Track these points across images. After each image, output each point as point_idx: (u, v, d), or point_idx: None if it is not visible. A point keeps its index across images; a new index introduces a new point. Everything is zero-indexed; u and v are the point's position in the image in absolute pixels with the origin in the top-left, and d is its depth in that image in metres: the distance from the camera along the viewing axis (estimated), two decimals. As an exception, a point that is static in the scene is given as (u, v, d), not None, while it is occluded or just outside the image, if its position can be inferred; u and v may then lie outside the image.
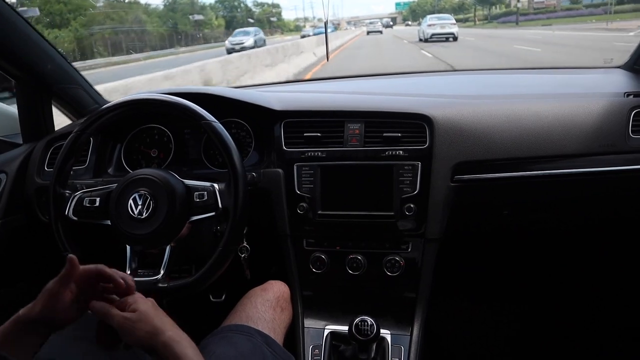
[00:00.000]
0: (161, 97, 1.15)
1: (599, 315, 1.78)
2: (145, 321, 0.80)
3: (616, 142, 1.28)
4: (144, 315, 0.81)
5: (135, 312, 0.81)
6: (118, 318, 0.80)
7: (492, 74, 2.15)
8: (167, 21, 39.26)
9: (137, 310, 0.82)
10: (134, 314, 0.81)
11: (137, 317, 0.80)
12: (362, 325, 1.13)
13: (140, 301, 0.85)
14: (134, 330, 0.79)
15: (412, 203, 1.24)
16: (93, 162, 1.41)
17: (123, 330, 0.80)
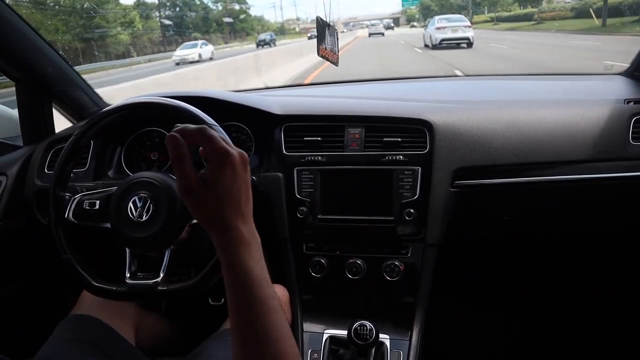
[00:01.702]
0: (162, 100, 1.15)
1: (598, 321, 1.78)
2: (215, 203, 0.66)
3: (616, 149, 1.28)
4: (219, 195, 0.67)
5: (208, 184, 0.68)
6: (187, 181, 0.67)
7: (492, 79, 2.16)
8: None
9: (208, 182, 0.69)
10: (204, 189, 0.68)
11: (205, 194, 0.67)
12: (361, 330, 1.13)
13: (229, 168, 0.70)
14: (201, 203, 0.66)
15: (411, 208, 1.24)
16: (93, 165, 1.41)
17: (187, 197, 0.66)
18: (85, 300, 1.15)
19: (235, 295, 0.65)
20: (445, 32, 16.78)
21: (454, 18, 18.81)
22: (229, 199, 0.67)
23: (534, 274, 1.88)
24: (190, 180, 0.67)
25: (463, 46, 16.54)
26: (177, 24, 44.06)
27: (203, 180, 0.68)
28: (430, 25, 18.71)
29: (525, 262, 1.85)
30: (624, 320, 1.77)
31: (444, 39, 16.70)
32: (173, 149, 0.66)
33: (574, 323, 1.81)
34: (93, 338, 1.07)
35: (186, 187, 0.66)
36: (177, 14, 46.66)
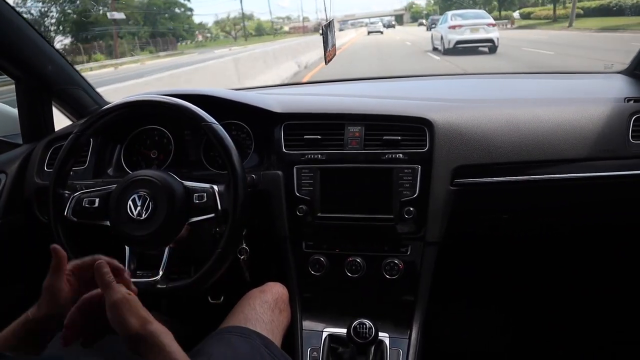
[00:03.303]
0: (162, 98, 1.15)
1: (597, 320, 1.78)
2: (138, 307, 0.78)
3: (616, 148, 1.28)
4: (137, 301, 0.80)
5: (131, 296, 0.80)
6: (120, 294, 0.78)
7: (492, 78, 2.16)
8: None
9: (130, 294, 0.80)
10: (131, 297, 0.79)
11: (133, 300, 0.79)
12: (360, 328, 1.13)
13: (132, 287, 0.85)
14: (129, 312, 0.76)
15: (411, 206, 1.24)
16: (93, 163, 1.41)
17: (118, 309, 0.76)
18: None
19: None
20: (462, 32, 13.01)
21: (473, 14, 15.00)
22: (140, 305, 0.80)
23: (533, 273, 1.88)
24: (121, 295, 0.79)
25: (483, 50, 13.11)
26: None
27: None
28: (441, 24, 14.65)
29: (525, 261, 1.85)
30: (623, 319, 1.77)
31: (461, 40, 12.86)
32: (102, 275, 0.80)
33: (573, 321, 1.81)
34: None
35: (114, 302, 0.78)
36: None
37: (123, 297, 0.78)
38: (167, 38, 36.56)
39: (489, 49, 12.90)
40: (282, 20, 78.54)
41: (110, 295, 0.78)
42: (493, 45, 12.82)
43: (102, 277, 0.79)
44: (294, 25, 65.68)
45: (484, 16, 14.32)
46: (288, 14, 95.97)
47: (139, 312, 0.77)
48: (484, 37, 12.83)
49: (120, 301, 0.77)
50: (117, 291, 0.78)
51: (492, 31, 12.91)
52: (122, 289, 0.79)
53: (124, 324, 0.76)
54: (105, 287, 0.79)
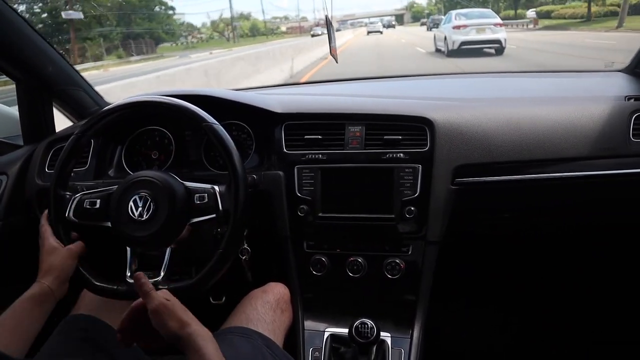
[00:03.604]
0: (162, 99, 1.15)
1: (598, 319, 1.78)
2: (177, 311, 0.84)
3: (617, 146, 1.28)
4: (177, 305, 0.85)
5: (169, 301, 0.85)
6: (157, 301, 0.84)
7: (493, 77, 2.15)
8: None
9: (169, 300, 0.86)
10: (169, 302, 0.85)
11: (171, 305, 0.84)
12: (362, 328, 1.13)
13: (168, 295, 0.90)
14: (168, 317, 0.82)
15: (412, 206, 1.24)
16: (94, 164, 1.41)
17: (157, 315, 0.83)
18: (86, 299, 1.16)
19: None
20: (467, 32, 12.27)
21: (478, 13, 13.97)
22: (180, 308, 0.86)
23: (535, 272, 1.88)
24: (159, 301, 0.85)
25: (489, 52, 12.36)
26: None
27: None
28: (445, 24, 13.78)
29: (526, 260, 1.85)
30: (623, 318, 1.77)
31: (466, 41, 12.14)
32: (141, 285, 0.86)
33: (574, 321, 1.81)
34: (94, 337, 1.07)
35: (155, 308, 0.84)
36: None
37: (160, 303, 0.84)
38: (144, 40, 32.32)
39: (495, 51, 12.15)
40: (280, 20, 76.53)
41: (149, 303, 0.84)
42: (500, 47, 12.01)
43: (141, 287, 0.86)
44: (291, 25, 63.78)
45: (490, 15, 13.48)
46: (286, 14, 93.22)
47: (177, 316, 0.83)
48: (491, 37, 12.04)
49: (158, 307, 0.83)
50: (155, 298, 0.84)
51: (500, 31, 12.13)
52: (159, 297, 0.85)
53: (164, 328, 0.82)
54: (145, 296, 0.85)
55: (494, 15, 13.86)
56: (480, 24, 12.40)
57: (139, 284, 0.86)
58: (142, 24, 34.36)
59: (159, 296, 0.85)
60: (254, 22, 64.88)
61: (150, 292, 0.86)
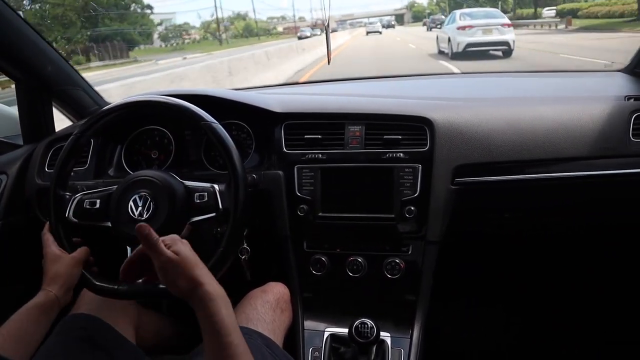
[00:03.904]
0: (161, 98, 1.15)
1: (599, 319, 1.78)
2: (188, 267, 0.77)
3: (617, 146, 1.28)
4: (187, 261, 0.78)
5: (179, 255, 0.77)
6: (165, 257, 0.76)
7: (493, 76, 2.15)
8: None
9: (179, 253, 0.78)
10: (178, 257, 0.77)
11: (181, 261, 0.77)
12: (362, 328, 1.13)
13: (180, 244, 0.81)
14: (177, 274, 0.75)
15: (412, 205, 1.24)
16: (94, 164, 1.41)
17: (165, 271, 0.76)
18: (85, 299, 1.15)
19: (210, 342, 0.76)
20: (473, 33, 11.43)
21: (484, 13, 13.15)
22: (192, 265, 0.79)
23: (535, 272, 1.88)
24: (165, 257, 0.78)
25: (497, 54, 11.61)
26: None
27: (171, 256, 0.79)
28: (448, 24, 13.01)
29: (527, 260, 1.85)
30: (623, 318, 1.77)
31: (472, 43, 11.36)
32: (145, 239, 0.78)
33: (574, 320, 1.81)
34: (93, 337, 1.07)
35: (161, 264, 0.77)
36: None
37: (168, 260, 0.76)
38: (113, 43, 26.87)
39: (502, 53, 11.40)
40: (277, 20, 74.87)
41: (156, 258, 0.77)
42: (509, 49, 11.23)
43: (145, 240, 0.77)
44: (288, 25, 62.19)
45: (497, 15, 12.70)
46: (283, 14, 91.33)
47: (188, 274, 0.76)
48: (498, 39, 11.25)
49: (166, 264, 0.76)
50: (162, 253, 0.76)
51: (508, 32, 11.32)
52: (167, 251, 0.77)
53: (173, 285, 0.76)
54: (151, 249, 0.77)
55: (501, 15, 13.19)
56: (487, 24, 11.62)
57: (143, 236, 0.77)
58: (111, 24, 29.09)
59: (167, 250, 0.77)
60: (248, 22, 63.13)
61: (157, 244, 0.77)
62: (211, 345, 0.76)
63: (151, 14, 40.30)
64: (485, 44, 11.47)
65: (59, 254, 1.06)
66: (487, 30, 11.46)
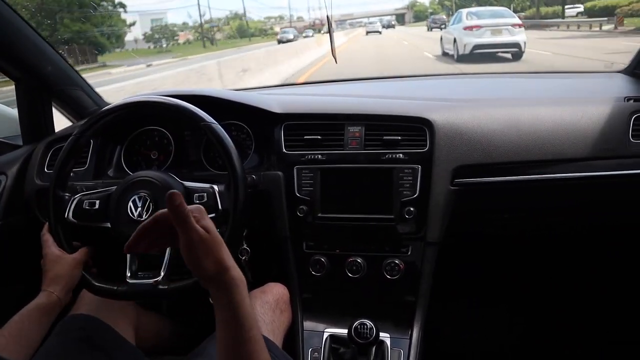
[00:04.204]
0: (161, 99, 1.15)
1: (598, 320, 1.78)
2: (216, 248, 0.71)
3: (616, 147, 1.28)
4: (217, 240, 0.71)
5: (210, 234, 0.71)
6: (197, 234, 0.69)
7: (492, 77, 2.16)
8: None
9: (209, 231, 0.71)
10: (209, 236, 0.70)
11: (211, 241, 0.70)
12: (361, 329, 1.13)
13: (208, 219, 0.74)
14: (205, 255, 0.69)
15: (412, 206, 1.24)
16: (93, 164, 1.41)
17: (191, 250, 0.69)
18: (85, 299, 1.15)
19: (228, 335, 0.71)
20: (481, 34, 10.47)
21: (491, 12, 11.94)
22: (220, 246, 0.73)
23: (535, 273, 1.88)
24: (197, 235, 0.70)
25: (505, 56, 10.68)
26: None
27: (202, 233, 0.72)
28: (454, 24, 11.91)
29: (527, 261, 1.85)
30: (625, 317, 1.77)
31: (480, 45, 10.38)
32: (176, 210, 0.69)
33: (574, 321, 1.81)
34: (93, 337, 1.07)
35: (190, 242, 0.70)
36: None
37: (199, 238, 0.69)
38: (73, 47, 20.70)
39: (512, 56, 10.45)
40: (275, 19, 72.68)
41: (185, 233, 0.69)
42: (519, 51, 10.28)
43: (176, 211, 0.68)
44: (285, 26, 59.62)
45: (507, 15, 11.53)
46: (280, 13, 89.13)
47: (216, 255, 0.71)
48: (509, 40, 10.27)
49: (197, 241, 0.69)
50: (193, 229, 0.69)
51: (518, 33, 10.30)
52: (198, 228, 0.70)
53: (199, 266, 0.70)
54: (181, 223, 0.69)
55: (511, 14, 12.00)
56: (496, 24, 10.55)
57: (174, 207, 0.68)
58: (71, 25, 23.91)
59: (198, 227, 0.70)
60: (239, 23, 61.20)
61: (189, 218, 0.69)
62: (229, 340, 0.70)
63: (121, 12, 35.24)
64: (494, 45, 10.52)
65: (59, 255, 1.06)
66: (496, 30, 10.46)
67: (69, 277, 1.04)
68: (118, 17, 32.68)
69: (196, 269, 0.71)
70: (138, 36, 46.42)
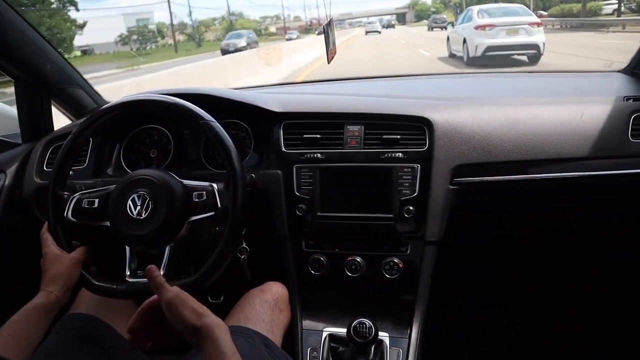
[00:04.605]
0: (160, 98, 1.15)
1: (598, 320, 1.78)
2: (191, 302, 0.82)
3: (616, 146, 1.28)
4: (189, 298, 0.84)
5: (184, 293, 0.84)
6: (172, 293, 0.82)
7: (492, 77, 2.16)
8: None
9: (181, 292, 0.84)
10: (183, 294, 0.83)
11: (185, 296, 0.83)
12: (360, 328, 1.13)
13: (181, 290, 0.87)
14: (183, 308, 0.80)
15: (411, 205, 1.24)
16: (92, 163, 1.41)
17: (172, 307, 0.81)
18: (84, 298, 1.16)
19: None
20: (495, 34, 9.37)
21: (504, 10, 10.65)
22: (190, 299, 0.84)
23: (534, 272, 1.88)
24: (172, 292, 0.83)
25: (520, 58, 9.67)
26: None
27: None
28: (463, 23, 10.83)
29: (526, 260, 1.85)
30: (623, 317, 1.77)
31: (493, 46, 9.29)
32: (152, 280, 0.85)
33: (574, 321, 1.81)
34: (92, 336, 1.07)
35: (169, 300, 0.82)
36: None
37: (175, 295, 0.82)
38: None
39: (528, 58, 9.41)
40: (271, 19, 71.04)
41: (163, 295, 0.82)
42: (537, 53, 9.15)
43: (153, 280, 0.84)
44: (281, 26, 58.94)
45: (523, 12, 10.34)
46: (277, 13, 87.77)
47: (193, 307, 0.81)
48: (526, 41, 9.14)
49: (173, 298, 0.81)
50: (169, 290, 0.83)
51: (537, 33, 9.19)
52: (172, 289, 0.83)
53: (180, 318, 0.80)
54: (158, 288, 0.83)
55: (528, 11, 10.82)
56: (512, 23, 9.46)
57: (151, 277, 0.85)
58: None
59: (171, 288, 0.84)
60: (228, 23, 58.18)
61: (164, 284, 0.84)
62: None
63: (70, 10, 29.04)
64: (510, 47, 9.42)
65: (58, 254, 1.06)
66: (512, 30, 9.35)
67: (68, 277, 1.04)
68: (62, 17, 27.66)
69: (178, 322, 0.81)
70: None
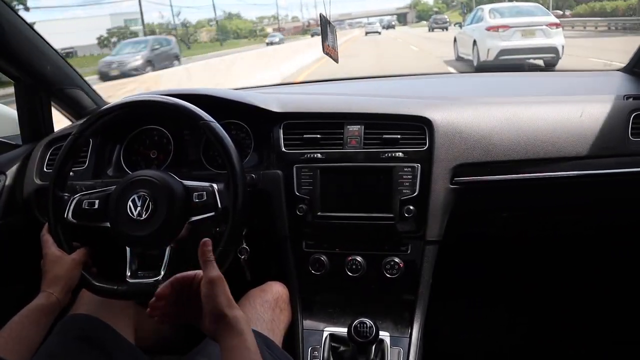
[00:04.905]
0: (160, 98, 1.15)
1: (599, 320, 1.78)
2: (227, 288, 0.83)
3: (616, 145, 1.28)
4: (225, 283, 0.84)
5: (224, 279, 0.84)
6: (218, 273, 0.83)
7: (492, 76, 2.16)
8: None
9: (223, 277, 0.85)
10: (223, 278, 0.84)
11: (224, 283, 0.83)
12: (361, 327, 1.13)
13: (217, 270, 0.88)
14: (220, 291, 0.81)
15: (411, 205, 1.24)
16: (92, 163, 1.41)
17: (213, 286, 0.81)
18: (84, 299, 1.15)
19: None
20: (509, 36, 8.42)
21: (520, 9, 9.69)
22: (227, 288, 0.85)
23: (535, 272, 1.88)
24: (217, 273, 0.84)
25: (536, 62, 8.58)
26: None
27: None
28: (472, 23, 9.94)
29: (527, 260, 1.85)
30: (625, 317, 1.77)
31: (507, 49, 8.32)
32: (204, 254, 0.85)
33: (575, 321, 1.81)
34: (92, 337, 1.07)
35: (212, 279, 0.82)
36: None
37: (220, 276, 0.83)
38: None
39: (545, 63, 8.37)
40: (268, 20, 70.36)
41: (209, 272, 0.83)
42: (555, 57, 8.19)
43: (205, 254, 0.84)
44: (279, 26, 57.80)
45: (539, 12, 9.29)
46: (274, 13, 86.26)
47: (229, 295, 0.83)
48: (543, 44, 8.17)
49: (216, 278, 0.82)
50: (216, 269, 0.83)
51: (555, 35, 8.24)
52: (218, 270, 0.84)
53: (215, 301, 0.81)
54: (205, 264, 0.84)
55: (545, 11, 9.75)
56: (529, 23, 8.52)
57: (203, 251, 0.85)
58: None
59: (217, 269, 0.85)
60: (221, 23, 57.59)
61: (213, 261, 0.85)
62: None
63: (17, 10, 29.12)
64: (526, 50, 8.38)
65: (59, 255, 1.06)
66: (527, 31, 8.39)
67: (68, 278, 1.04)
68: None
69: (211, 303, 0.81)
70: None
